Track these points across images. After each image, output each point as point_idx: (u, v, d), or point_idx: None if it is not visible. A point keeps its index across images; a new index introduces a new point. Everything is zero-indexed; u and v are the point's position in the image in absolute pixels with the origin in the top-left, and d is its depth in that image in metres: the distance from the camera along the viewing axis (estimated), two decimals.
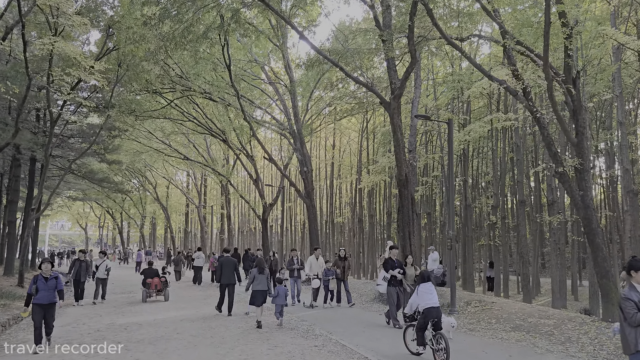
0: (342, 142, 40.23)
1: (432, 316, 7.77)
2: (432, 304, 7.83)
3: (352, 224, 37.46)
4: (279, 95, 25.86)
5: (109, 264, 16.72)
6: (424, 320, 7.83)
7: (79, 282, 15.80)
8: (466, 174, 22.04)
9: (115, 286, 23.70)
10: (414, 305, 8.14)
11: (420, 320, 7.90)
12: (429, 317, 7.78)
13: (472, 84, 18.22)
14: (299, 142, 24.01)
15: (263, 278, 11.53)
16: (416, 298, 8.05)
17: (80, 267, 15.75)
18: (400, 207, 16.17)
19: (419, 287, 8.10)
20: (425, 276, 8.27)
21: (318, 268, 15.08)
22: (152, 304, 16.27)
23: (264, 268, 11.68)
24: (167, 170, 47.32)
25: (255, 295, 11.53)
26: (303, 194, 24.51)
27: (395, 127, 15.17)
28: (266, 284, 11.54)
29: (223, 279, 13.55)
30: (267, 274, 11.68)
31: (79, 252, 16.61)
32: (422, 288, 8.04)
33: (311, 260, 15.33)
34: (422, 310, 7.87)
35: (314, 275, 14.92)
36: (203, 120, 29.50)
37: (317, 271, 15.01)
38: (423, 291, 8.00)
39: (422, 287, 8.04)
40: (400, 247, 16.10)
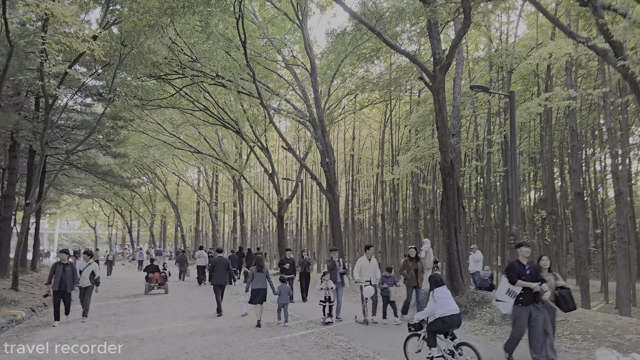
0: (362, 134, 37.96)
1: (454, 324, 6.97)
2: (453, 311, 6.95)
3: (374, 221, 35.19)
4: (297, 81, 23.66)
5: (95, 269, 12.34)
6: (442, 327, 6.99)
7: (63, 294, 11.56)
8: (508, 164, 19.68)
9: (121, 288, 21.76)
10: (431, 312, 7.17)
11: (438, 325, 7.01)
12: (450, 325, 6.95)
13: (521, 59, 15.94)
14: (321, 131, 21.80)
15: (262, 276, 11.54)
16: (434, 305, 7.05)
17: (64, 274, 11.43)
18: (445, 199, 13.88)
19: (434, 292, 7.13)
20: (439, 279, 7.27)
21: (371, 272, 11.69)
22: (157, 312, 14.15)
23: (262, 266, 11.69)
24: (177, 167, 45.39)
25: (254, 294, 11.48)
26: (325, 188, 22.31)
27: (441, 104, 12.89)
28: (265, 282, 11.51)
29: (215, 280, 13.65)
30: (266, 271, 11.69)
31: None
32: (438, 293, 7.08)
33: (361, 263, 11.74)
34: (442, 317, 6.95)
35: (366, 282, 11.43)
36: (215, 110, 27.45)
37: (369, 276, 11.61)
38: (441, 297, 7.05)
39: (439, 293, 7.09)
40: (445, 245, 13.86)
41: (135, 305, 15.49)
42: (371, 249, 12.01)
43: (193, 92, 25.87)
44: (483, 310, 11.98)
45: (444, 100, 13.12)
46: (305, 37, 21.04)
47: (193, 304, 15.87)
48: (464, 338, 9.93)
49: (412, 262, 11.98)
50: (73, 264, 11.79)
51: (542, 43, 18.09)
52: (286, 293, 11.58)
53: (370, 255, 11.81)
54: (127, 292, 19.83)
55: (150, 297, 17.86)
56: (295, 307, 14.40)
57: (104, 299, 17.37)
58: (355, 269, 11.72)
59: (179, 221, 51.64)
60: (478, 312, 11.94)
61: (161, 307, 15.15)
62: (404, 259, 12.46)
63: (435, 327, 7.04)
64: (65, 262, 11.56)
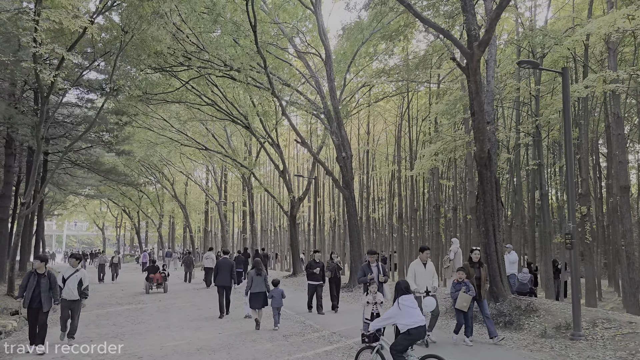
0: (377, 129, 36.43)
1: (420, 336, 6.38)
2: (420, 322, 6.31)
3: (390, 220, 33.67)
4: (310, 72, 22.21)
5: (84, 277, 9.63)
6: (409, 342, 6.30)
7: (37, 313, 8.68)
8: (541, 157, 18.14)
9: (125, 293, 20.47)
10: (391, 321, 6.56)
11: (404, 342, 6.28)
12: (416, 337, 6.31)
13: (560, 39, 14.38)
14: (336, 123, 20.33)
15: (261, 280, 11.24)
16: (398, 313, 6.39)
17: (38, 287, 8.63)
18: (481, 193, 12.37)
19: (400, 299, 6.45)
20: (404, 287, 6.57)
21: (428, 279, 9.31)
22: (161, 321, 12.77)
23: (261, 270, 11.39)
24: (184, 166, 44.13)
25: (253, 298, 11.19)
26: (341, 184, 20.85)
27: (478, 86, 11.39)
28: (264, 286, 11.21)
29: (219, 281, 13.36)
30: (264, 275, 11.40)
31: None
32: (405, 301, 6.42)
33: (415, 269, 9.37)
34: (407, 329, 6.25)
35: (425, 292, 9.07)
36: (223, 105, 26.09)
37: (426, 284, 9.21)
38: (407, 305, 6.38)
39: (406, 300, 6.42)
40: (481, 246, 12.33)
41: (138, 314, 14.14)
42: (426, 252, 9.58)
43: (200, 85, 24.56)
44: (531, 320, 10.46)
45: (481, 83, 11.64)
46: (320, 22, 19.60)
47: (201, 311, 14.48)
48: (513, 354, 8.48)
49: (474, 267, 9.56)
50: (52, 274, 8.95)
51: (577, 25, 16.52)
52: (279, 296, 11.26)
53: (426, 259, 9.49)
54: (131, 299, 18.51)
55: (155, 304, 16.53)
56: (325, 318, 12.77)
57: (105, 306, 16.09)
58: (409, 276, 9.41)
59: (188, 222, 50.40)
60: (526, 322, 10.42)
61: (166, 315, 13.78)
62: (464, 263, 10.20)
63: (401, 346, 6.30)
64: (42, 271, 8.79)
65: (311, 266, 13.71)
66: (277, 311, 11.22)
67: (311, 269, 13.62)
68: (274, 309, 11.24)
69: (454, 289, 9.37)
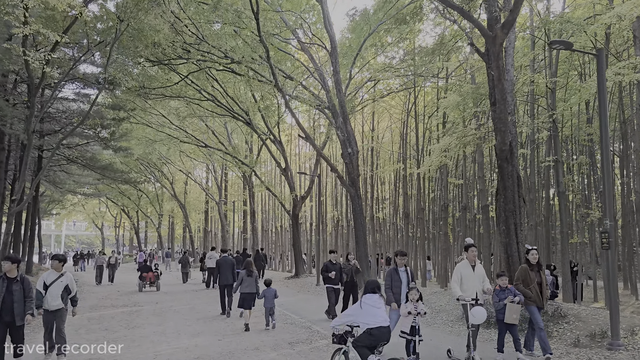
0: (381, 127, 35.53)
1: (383, 338, 6.12)
2: (382, 322, 6.14)
3: (395, 219, 32.77)
4: (314, 64, 21.33)
5: (71, 282, 8.14)
6: (370, 341, 6.07)
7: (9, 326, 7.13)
8: (558, 153, 17.26)
9: (121, 294, 19.60)
10: (350, 319, 6.33)
11: (365, 340, 6.08)
12: (378, 338, 6.09)
13: (581, 26, 13.49)
14: (342, 118, 19.46)
15: (251, 280, 11.17)
16: (358, 312, 6.26)
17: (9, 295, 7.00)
18: (502, 189, 11.48)
19: (363, 298, 6.34)
20: (371, 287, 6.42)
21: (477, 284, 7.83)
22: (156, 325, 11.87)
23: (252, 270, 11.32)
24: (184, 164, 43.26)
25: (243, 298, 11.10)
26: (347, 182, 19.97)
27: (500, 72, 10.50)
28: (255, 287, 11.14)
29: (221, 280, 13.35)
30: (255, 276, 11.30)
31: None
32: (368, 300, 6.28)
33: (462, 271, 7.89)
34: (369, 329, 6.10)
35: (473, 300, 7.45)
36: (223, 100, 25.22)
37: (475, 290, 7.71)
38: (370, 304, 6.25)
39: (369, 300, 6.28)
40: (502, 245, 11.46)
41: (133, 317, 13.25)
42: (472, 250, 8.01)
43: (200, 80, 23.72)
44: (560, 327, 9.56)
45: (504, 68, 10.74)
46: (325, 11, 18.73)
47: (199, 314, 13.60)
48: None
49: (534, 270, 8.04)
50: (27, 279, 7.28)
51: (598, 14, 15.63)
52: (271, 297, 11.05)
53: (474, 259, 7.98)
54: (127, 300, 17.63)
55: (151, 306, 15.65)
56: None
57: (99, 308, 15.21)
58: (454, 280, 7.92)
59: (187, 221, 49.52)
60: (554, 330, 9.52)
61: (162, 319, 12.90)
62: (522, 266, 8.35)
63: (362, 342, 6.08)
64: (13, 275, 7.11)
65: (327, 269, 12.23)
66: (270, 311, 11.06)
67: (327, 271, 12.19)
68: (266, 309, 11.08)
69: (498, 297, 7.90)
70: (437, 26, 19.10)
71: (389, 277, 8.31)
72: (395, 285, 8.18)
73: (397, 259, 8.51)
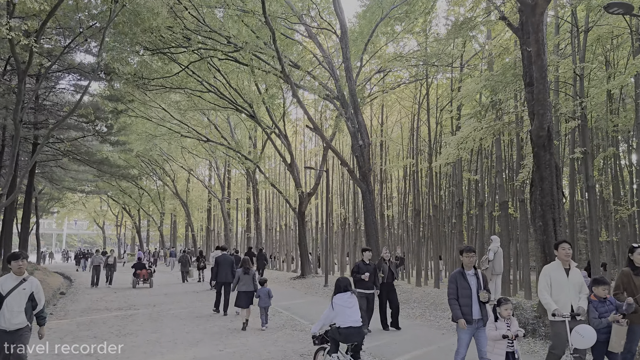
0: (390, 121, 34.24)
1: (351, 338, 5.88)
2: (353, 323, 5.90)
3: (404, 217, 31.51)
4: (322, 51, 20.11)
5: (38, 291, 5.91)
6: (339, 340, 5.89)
7: None
8: (587, 144, 15.95)
9: (118, 296, 18.41)
10: (327, 322, 6.14)
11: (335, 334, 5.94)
12: (347, 338, 5.87)
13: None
14: (352, 108, 18.23)
15: (248, 279, 11.05)
16: (330, 313, 6.06)
17: None
18: (538, 180, 10.22)
19: (334, 298, 6.12)
20: (346, 285, 6.23)
21: (573, 295, 5.89)
22: (151, 332, 10.64)
23: (249, 268, 11.20)
24: (186, 161, 42.07)
25: (240, 297, 10.93)
26: (357, 176, 18.73)
27: (540, 46, 9.25)
28: (252, 285, 11.01)
29: (219, 278, 13.22)
30: (252, 274, 11.16)
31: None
32: (338, 300, 6.06)
33: (552, 275, 6.00)
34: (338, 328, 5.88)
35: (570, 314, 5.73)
36: (226, 92, 24.04)
37: (571, 301, 5.84)
38: (340, 304, 6.01)
39: (339, 300, 6.06)
40: (539, 245, 10.20)
41: (126, 322, 12.04)
42: (564, 248, 5.97)
43: (201, 71, 22.54)
44: None
45: (544, 42, 9.47)
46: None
47: (200, 320, 12.39)
48: None
49: (637, 276, 5.91)
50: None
51: None
52: (266, 296, 10.83)
53: (568, 261, 5.99)
54: (122, 302, 16.43)
55: (147, 309, 14.45)
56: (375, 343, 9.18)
57: (91, 312, 14.01)
58: (541, 287, 6.00)
59: (190, 220, 48.35)
60: None
61: (158, 324, 11.68)
62: (624, 269, 6.11)
63: (332, 335, 6.06)
64: None
65: (359, 269, 10.12)
66: (265, 311, 10.85)
67: (359, 273, 10.05)
68: (261, 309, 10.85)
69: (596, 311, 5.74)
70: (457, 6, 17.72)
71: (452, 283, 6.04)
72: (463, 294, 5.89)
73: (465, 258, 6.02)
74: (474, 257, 6.13)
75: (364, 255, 10.45)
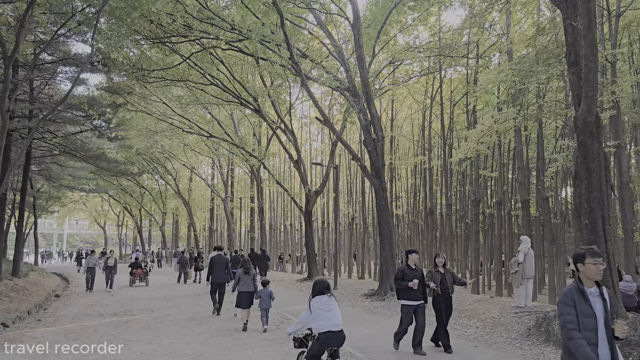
0: (400, 117, 33.00)
1: (330, 343, 5.62)
2: (331, 327, 5.61)
3: (414, 216, 30.28)
4: (332, 41, 18.94)
5: None
6: (319, 348, 5.62)
7: None
8: (620, 137, 14.71)
9: (115, 299, 17.29)
10: (305, 325, 5.87)
11: (314, 347, 5.67)
12: (326, 344, 5.61)
13: None
14: (365, 99, 17.06)
15: (249, 279, 10.92)
16: (307, 317, 5.76)
17: None
18: (585, 172, 9.03)
19: (312, 301, 5.79)
20: (324, 287, 5.82)
21: None
22: (145, 344, 9.44)
23: (249, 268, 11.02)
24: (188, 159, 40.92)
25: (241, 297, 10.82)
26: (370, 172, 17.54)
27: (590, 17, 8.06)
28: (252, 285, 10.88)
29: (214, 278, 12.98)
30: (252, 274, 10.98)
31: None
32: (317, 303, 5.73)
33: None
34: (316, 334, 5.67)
35: None
36: (230, 86, 22.91)
37: None
38: (319, 307, 5.69)
39: (318, 302, 5.73)
40: (586, 244, 8.97)
41: (120, 330, 10.87)
42: None
43: (204, 63, 21.41)
44: None
45: (594, 11, 8.28)
46: None
47: (201, 327, 11.21)
48: None
49: None
50: None
51: None
52: (267, 297, 10.58)
53: None
54: (118, 307, 15.28)
55: (144, 315, 13.30)
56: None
57: (82, 319, 12.86)
58: None
59: (192, 220, 47.19)
60: None
61: (155, 333, 10.51)
62: None
63: (311, 351, 5.70)
64: None
65: (404, 275, 8.31)
66: (265, 312, 10.67)
67: (404, 279, 8.26)
68: (262, 310, 10.67)
69: None
70: None
71: (568, 305, 3.83)
72: (587, 324, 3.77)
73: (588, 267, 3.87)
74: (603, 265, 3.94)
75: (408, 258, 8.58)
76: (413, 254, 8.64)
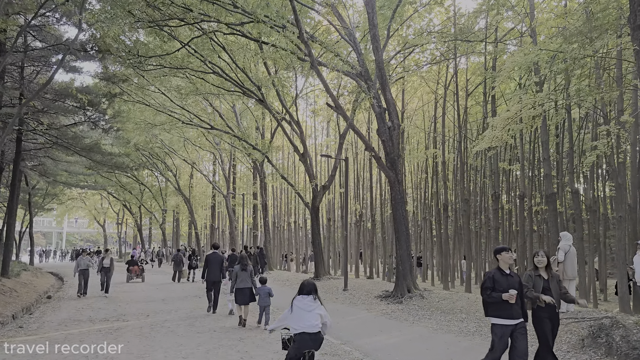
0: (411, 107, 31.60)
1: (306, 345, 5.40)
2: (307, 328, 5.40)
3: (426, 214, 28.91)
4: (342, 23, 17.57)
5: None
6: (296, 351, 5.43)
7: None
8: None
9: (109, 302, 15.97)
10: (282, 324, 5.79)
11: (291, 349, 5.49)
12: (302, 345, 5.41)
13: None
14: (380, 84, 15.70)
15: (246, 275, 10.85)
16: (287, 315, 5.69)
17: None
18: None
19: (294, 300, 5.67)
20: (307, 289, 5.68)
21: None
22: (136, 355, 8.11)
23: (246, 265, 10.96)
24: (189, 154, 39.58)
25: (238, 293, 10.77)
26: (385, 164, 16.17)
27: None
28: (250, 282, 10.83)
29: (209, 276, 12.87)
30: (250, 270, 10.92)
31: None
32: (299, 303, 5.61)
33: None
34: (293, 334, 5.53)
35: None
36: (232, 74, 21.57)
37: None
38: (299, 307, 5.56)
39: (299, 302, 5.61)
40: None
41: (110, 339, 9.48)
42: None
43: (205, 50, 20.10)
44: None
45: None
46: None
47: (202, 337, 9.87)
48: None
49: None
50: None
51: None
52: (266, 295, 10.54)
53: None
54: (111, 311, 13.96)
55: (139, 321, 11.98)
56: None
57: (70, 325, 11.53)
58: None
59: (192, 217, 45.86)
60: None
61: (149, 343, 9.16)
62: None
63: (290, 355, 5.46)
64: None
65: (494, 283, 5.88)
66: (264, 310, 10.61)
67: (495, 289, 5.86)
68: (260, 307, 10.71)
69: None
70: None
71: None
72: None
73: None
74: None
75: (499, 259, 5.99)
76: (505, 253, 5.97)
